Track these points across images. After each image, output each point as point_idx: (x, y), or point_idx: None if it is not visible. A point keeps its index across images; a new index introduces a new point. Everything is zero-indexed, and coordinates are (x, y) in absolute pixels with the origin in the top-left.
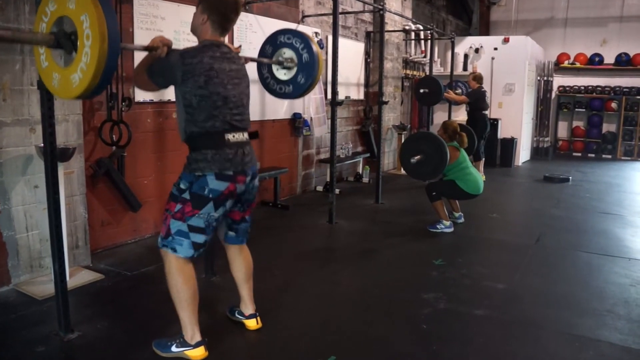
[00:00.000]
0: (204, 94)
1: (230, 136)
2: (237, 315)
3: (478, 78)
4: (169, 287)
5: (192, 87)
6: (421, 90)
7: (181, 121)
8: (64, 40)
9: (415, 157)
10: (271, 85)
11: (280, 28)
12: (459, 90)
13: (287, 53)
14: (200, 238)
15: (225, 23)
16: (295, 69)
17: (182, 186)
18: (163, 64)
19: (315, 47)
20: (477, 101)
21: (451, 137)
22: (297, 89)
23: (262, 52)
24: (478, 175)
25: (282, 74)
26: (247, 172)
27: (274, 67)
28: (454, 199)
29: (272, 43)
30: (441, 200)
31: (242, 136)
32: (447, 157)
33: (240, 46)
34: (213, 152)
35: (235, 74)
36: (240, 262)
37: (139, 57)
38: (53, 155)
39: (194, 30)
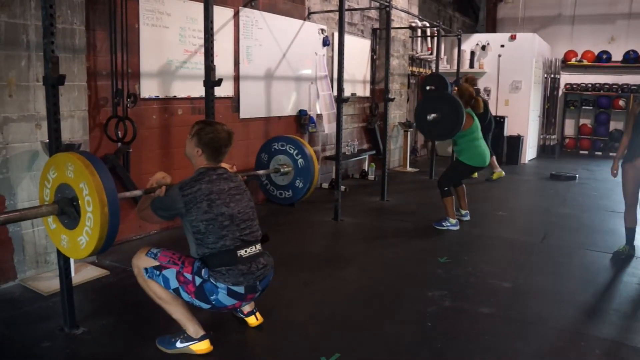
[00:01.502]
0: (210, 218)
1: (242, 252)
2: (238, 313)
3: (470, 80)
4: (147, 294)
5: (196, 214)
6: (427, 87)
7: (192, 245)
8: (67, 207)
9: (432, 115)
10: (271, 191)
11: (277, 136)
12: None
13: (283, 159)
14: (184, 296)
15: (218, 155)
16: (292, 174)
17: (202, 273)
18: (164, 200)
19: (308, 151)
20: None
21: (467, 102)
22: (297, 193)
23: (259, 160)
24: (485, 147)
25: (280, 180)
26: (257, 289)
27: (272, 175)
28: (465, 177)
29: (267, 151)
30: (452, 197)
31: (255, 249)
32: (462, 120)
33: (234, 166)
34: (227, 268)
35: (235, 191)
36: None
37: (145, 52)
38: (58, 150)
39: (189, 157)
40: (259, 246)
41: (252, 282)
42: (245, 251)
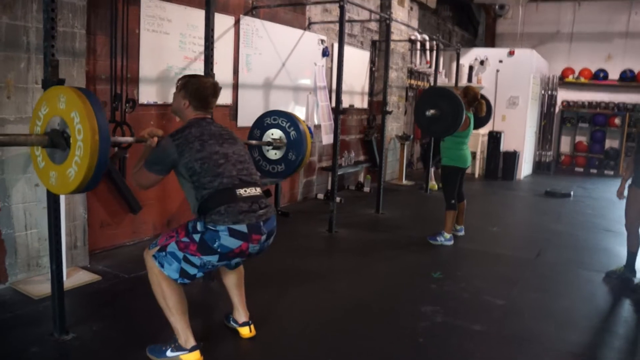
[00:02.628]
0: (203, 156)
1: (241, 191)
2: (231, 322)
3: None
4: (154, 293)
5: (189, 155)
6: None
7: (190, 193)
8: (58, 138)
9: (431, 111)
10: (263, 166)
11: (269, 111)
12: None
13: (275, 133)
14: (191, 270)
15: (206, 105)
16: (284, 148)
17: (197, 227)
18: (156, 151)
19: (301, 125)
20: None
21: (470, 103)
22: (289, 166)
23: (251, 135)
24: (468, 152)
25: (272, 154)
26: (262, 230)
27: (264, 149)
28: (460, 180)
29: (260, 126)
30: (455, 212)
31: (255, 191)
32: (461, 119)
33: None
34: (225, 206)
35: (227, 136)
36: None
37: (144, 58)
38: None
39: (176, 113)
40: (258, 189)
41: (255, 222)
42: (245, 190)
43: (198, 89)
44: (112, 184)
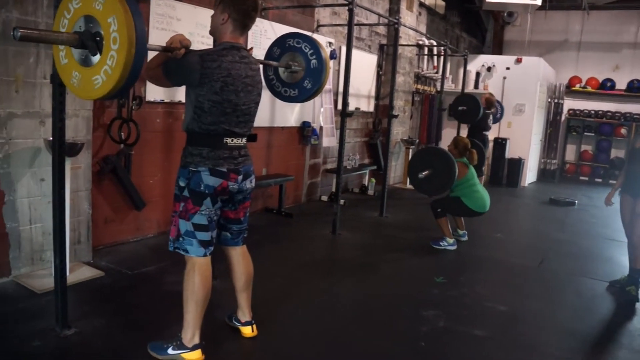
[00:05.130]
0: (217, 100)
1: (228, 140)
2: (234, 321)
3: (488, 102)
4: (183, 286)
5: (207, 91)
6: (460, 108)
7: (187, 117)
8: (90, 41)
9: (424, 172)
10: (276, 87)
11: (294, 32)
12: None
13: (296, 57)
14: (205, 236)
15: (246, 20)
16: (302, 74)
17: (181, 183)
18: (181, 63)
19: (324, 54)
20: (479, 121)
21: (461, 153)
22: (302, 93)
23: (269, 53)
24: (485, 193)
25: (288, 77)
26: (239, 171)
27: (280, 70)
28: (460, 215)
29: (281, 46)
30: (446, 217)
31: (240, 141)
32: (455, 174)
33: (252, 48)
34: (209, 149)
35: (250, 81)
36: (241, 269)
37: (153, 53)
38: (61, 149)
39: (214, 31)
40: (244, 140)
41: (233, 166)
42: (232, 140)
43: (241, 0)
44: (117, 180)
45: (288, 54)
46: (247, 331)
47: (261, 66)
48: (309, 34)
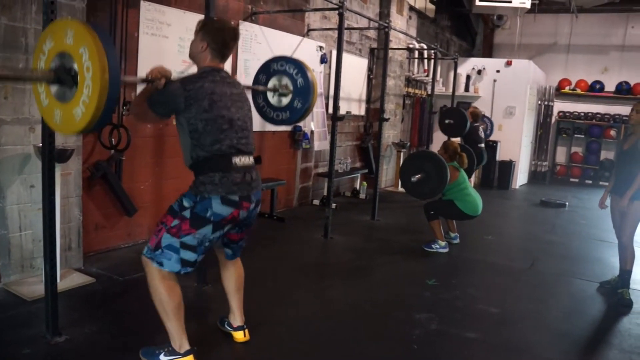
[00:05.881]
0: (209, 117)
1: (237, 159)
2: (226, 326)
3: (473, 115)
4: (153, 299)
5: (196, 111)
6: (447, 121)
7: (186, 147)
8: (64, 75)
9: (416, 176)
10: (268, 113)
11: (277, 56)
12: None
13: (282, 80)
14: (190, 256)
15: (224, 50)
16: (290, 95)
17: (184, 204)
18: (164, 92)
19: (309, 72)
20: (469, 135)
21: (451, 157)
22: (294, 114)
23: (256, 81)
24: (477, 196)
25: (277, 101)
26: (252, 199)
27: (270, 95)
28: (452, 219)
29: (266, 72)
30: (438, 220)
31: (248, 160)
32: (447, 178)
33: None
34: (220, 175)
35: (237, 97)
36: (231, 272)
37: (143, 61)
38: (51, 155)
39: (193, 57)
40: (251, 159)
41: (246, 194)
42: (240, 159)
43: (219, 29)
44: (108, 186)
45: (274, 78)
46: (240, 336)
47: (251, 91)
48: (299, 38)
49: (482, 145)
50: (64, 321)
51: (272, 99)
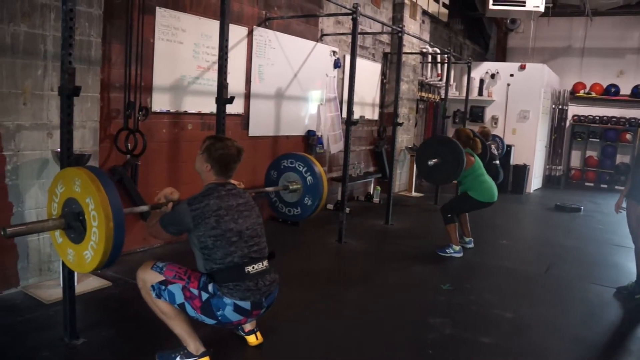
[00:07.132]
0: (217, 234)
1: (250, 268)
2: (238, 330)
3: (483, 134)
4: (154, 311)
5: (204, 230)
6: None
7: (199, 260)
8: (74, 222)
9: (433, 160)
10: (280, 208)
11: (286, 154)
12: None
13: (292, 176)
14: (190, 311)
15: (228, 172)
16: (301, 192)
17: (209, 288)
18: (172, 214)
19: (317, 169)
20: (482, 155)
21: (465, 144)
22: (305, 211)
23: (268, 177)
24: (492, 182)
25: (289, 197)
26: (262, 305)
27: (281, 192)
28: (470, 211)
29: (277, 168)
30: (455, 224)
31: (262, 265)
32: (463, 164)
33: (241, 182)
34: (234, 283)
35: (243, 207)
36: None
37: (158, 66)
38: (69, 160)
39: (199, 173)
40: (265, 263)
41: (258, 299)
42: (253, 267)
43: (222, 155)
44: (124, 191)
45: (285, 175)
46: (252, 339)
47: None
48: (312, 43)
49: (497, 162)
50: (81, 324)
51: (285, 195)
